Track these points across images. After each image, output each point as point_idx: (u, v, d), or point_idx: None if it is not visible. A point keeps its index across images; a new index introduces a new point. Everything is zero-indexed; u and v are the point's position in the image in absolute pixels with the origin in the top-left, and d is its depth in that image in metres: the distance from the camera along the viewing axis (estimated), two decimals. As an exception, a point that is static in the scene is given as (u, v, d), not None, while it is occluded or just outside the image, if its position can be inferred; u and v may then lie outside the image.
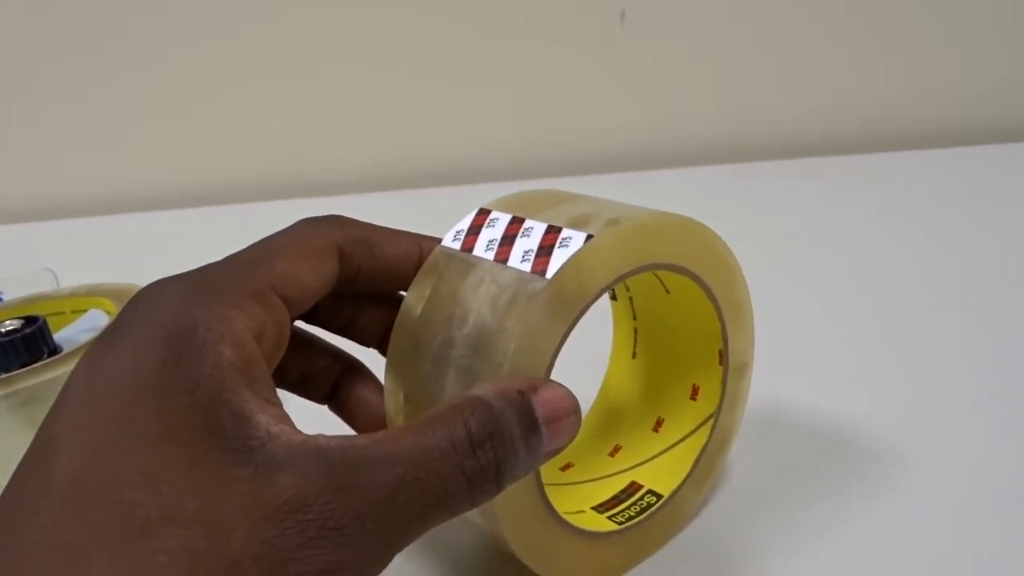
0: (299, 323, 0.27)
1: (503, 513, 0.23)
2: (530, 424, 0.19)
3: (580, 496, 0.28)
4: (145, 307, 0.20)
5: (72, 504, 0.17)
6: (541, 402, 0.20)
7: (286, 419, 0.19)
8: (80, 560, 0.16)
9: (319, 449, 0.18)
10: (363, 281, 0.25)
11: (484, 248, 0.24)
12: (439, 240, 0.25)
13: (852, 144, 0.67)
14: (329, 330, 0.27)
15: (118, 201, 0.71)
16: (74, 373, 0.20)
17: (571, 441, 0.21)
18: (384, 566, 0.18)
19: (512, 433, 0.19)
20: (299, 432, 0.19)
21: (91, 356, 0.20)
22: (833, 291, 0.44)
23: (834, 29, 0.65)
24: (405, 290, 0.26)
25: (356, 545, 0.17)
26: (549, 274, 0.22)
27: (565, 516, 0.24)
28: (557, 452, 0.20)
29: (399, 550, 0.18)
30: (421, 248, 0.25)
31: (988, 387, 0.34)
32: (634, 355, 0.31)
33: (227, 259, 0.22)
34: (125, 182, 0.71)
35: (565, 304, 0.22)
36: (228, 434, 0.18)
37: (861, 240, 0.50)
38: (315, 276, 0.23)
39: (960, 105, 0.67)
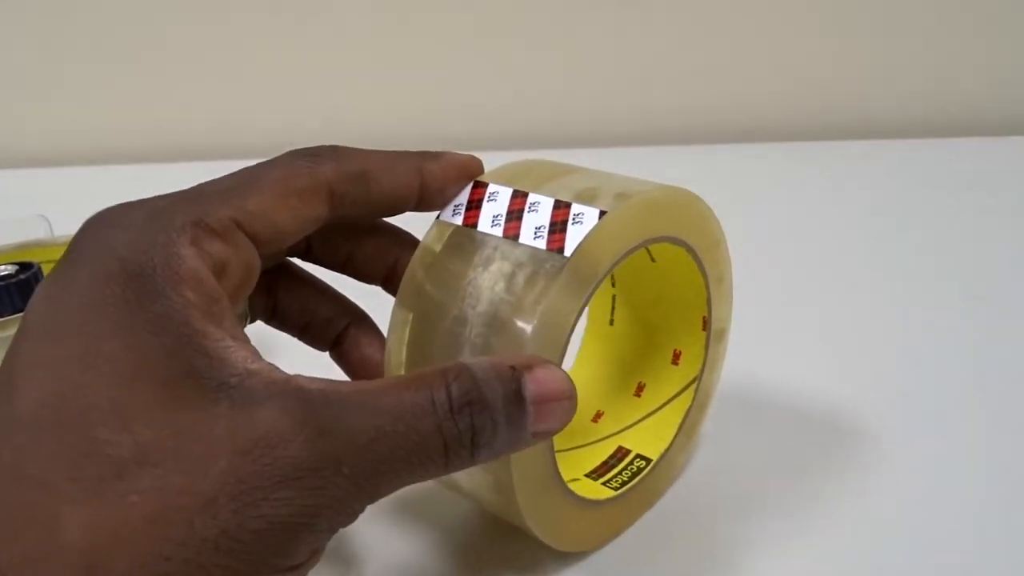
0: (308, 267, 0.26)
1: (520, 485, 0.23)
2: (515, 400, 0.19)
3: (570, 464, 0.28)
4: (101, 238, 0.19)
5: (42, 439, 0.16)
6: (533, 380, 0.20)
7: (259, 357, 0.19)
8: (54, 498, 0.16)
9: (300, 389, 0.18)
10: (359, 215, 0.23)
11: (490, 224, 0.23)
12: (443, 157, 0.24)
13: (850, 131, 0.65)
14: (326, 267, 0.26)
15: (114, 151, 0.68)
16: (31, 306, 0.19)
17: (564, 426, 0.20)
18: (354, 517, 0.18)
19: (494, 405, 0.19)
20: (279, 370, 0.18)
21: (48, 288, 0.19)
22: (818, 271, 0.44)
23: (843, 13, 0.63)
24: (408, 210, 0.24)
25: (331, 489, 0.17)
26: (568, 252, 0.22)
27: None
28: (549, 435, 0.20)
29: (372, 501, 0.18)
30: (423, 174, 0.24)
31: (966, 367, 0.35)
32: (611, 322, 0.31)
33: (198, 187, 0.21)
34: (121, 132, 0.68)
35: (581, 281, 0.22)
36: (204, 374, 0.17)
37: (850, 224, 0.50)
38: (292, 218, 0.21)
39: (958, 96, 0.66)
